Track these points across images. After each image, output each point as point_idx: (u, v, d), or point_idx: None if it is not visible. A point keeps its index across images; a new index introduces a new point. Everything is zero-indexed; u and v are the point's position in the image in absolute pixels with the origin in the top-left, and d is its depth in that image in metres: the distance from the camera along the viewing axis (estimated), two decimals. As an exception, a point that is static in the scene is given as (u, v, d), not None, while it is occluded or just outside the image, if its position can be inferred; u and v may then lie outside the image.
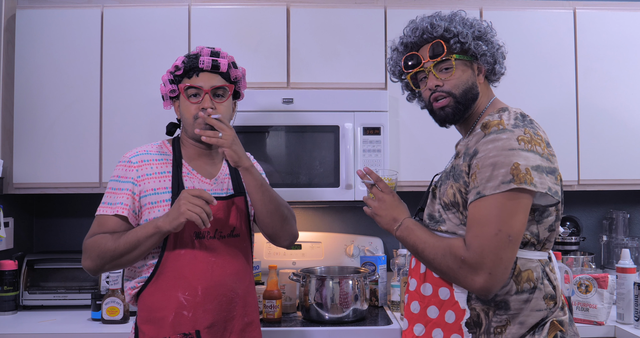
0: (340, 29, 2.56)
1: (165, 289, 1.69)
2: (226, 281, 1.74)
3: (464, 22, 1.54)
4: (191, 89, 1.76)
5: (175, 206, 1.62)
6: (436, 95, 1.51)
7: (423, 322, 1.48)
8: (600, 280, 2.24)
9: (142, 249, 1.65)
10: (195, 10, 2.54)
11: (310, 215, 2.94)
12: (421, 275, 1.50)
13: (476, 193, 1.36)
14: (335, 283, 2.27)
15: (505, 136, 1.37)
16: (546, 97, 2.58)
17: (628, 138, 2.59)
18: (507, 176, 1.33)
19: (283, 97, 2.45)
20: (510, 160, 1.34)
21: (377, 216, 1.56)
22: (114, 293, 2.30)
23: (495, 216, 1.33)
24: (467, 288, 1.38)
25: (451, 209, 1.46)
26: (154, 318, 1.69)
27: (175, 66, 1.78)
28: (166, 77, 1.82)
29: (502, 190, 1.32)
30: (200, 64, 1.75)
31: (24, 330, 2.21)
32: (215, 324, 1.71)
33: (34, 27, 2.50)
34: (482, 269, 1.32)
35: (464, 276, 1.35)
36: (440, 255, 1.39)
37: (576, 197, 2.94)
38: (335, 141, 2.45)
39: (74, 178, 2.48)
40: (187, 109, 1.76)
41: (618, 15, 2.62)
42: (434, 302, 1.47)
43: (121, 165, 1.76)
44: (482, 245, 1.32)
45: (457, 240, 1.39)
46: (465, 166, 1.43)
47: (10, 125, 2.49)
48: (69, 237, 2.86)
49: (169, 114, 2.05)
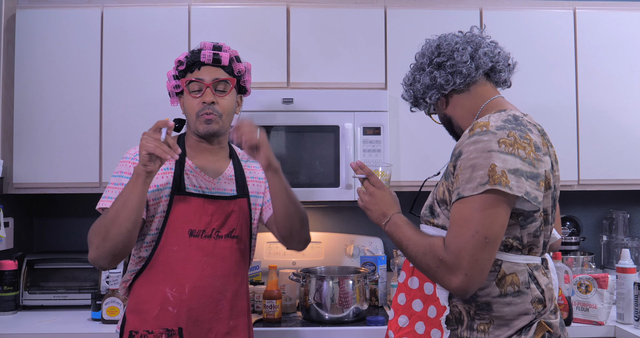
0: (340, 29, 2.56)
1: (154, 283, 1.70)
2: (215, 282, 1.73)
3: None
4: (193, 83, 1.77)
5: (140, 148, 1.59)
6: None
7: (407, 314, 1.52)
8: (600, 280, 2.24)
9: (130, 206, 1.56)
10: (195, 10, 2.54)
11: (310, 215, 2.91)
12: (410, 268, 1.53)
13: (457, 194, 1.37)
14: (335, 283, 2.27)
15: (486, 138, 1.36)
16: (546, 97, 2.58)
17: (628, 138, 2.59)
18: (484, 177, 1.32)
19: (283, 97, 2.45)
20: (488, 162, 1.33)
21: (368, 210, 1.57)
22: (114, 293, 2.30)
23: (473, 217, 1.33)
24: (444, 287, 1.39)
25: (442, 206, 1.48)
26: (140, 310, 1.70)
27: (179, 61, 1.80)
28: (171, 73, 1.84)
29: (479, 192, 1.32)
30: (202, 57, 1.76)
31: (24, 330, 2.21)
32: (199, 324, 1.70)
33: (34, 27, 2.50)
34: (458, 270, 1.32)
35: (441, 276, 1.36)
36: (421, 253, 1.41)
37: (576, 197, 2.94)
38: (335, 141, 2.45)
39: (74, 178, 2.48)
40: (190, 104, 1.77)
41: (618, 15, 2.62)
42: (419, 296, 1.49)
43: (125, 161, 1.75)
44: (459, 246, 1.32)
45: (438, 239, 1.39)
46: (452, 166, 1.44)
47: (10, 125, 2.49)
48: (69, 237, 2.86)
49: (169, 114, 2.05)
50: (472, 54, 1.53)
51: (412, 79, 1.62)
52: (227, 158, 1.87)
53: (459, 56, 1.52)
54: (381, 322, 2.22)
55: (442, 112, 1.62)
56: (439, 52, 1.56)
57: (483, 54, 1.54)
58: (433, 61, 1.56)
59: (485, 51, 1.54)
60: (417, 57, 1.62)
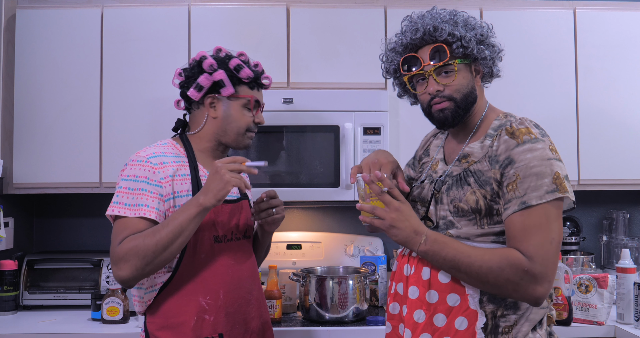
0: (340, 29, 2.56)
1: (185, 294, 1.65)
2: (243, 283, 1.75)
3: (466, 23, 1.50)
4: (257, 102, 1.81)
5: (214, 178, 1.57)
6: (437, 100, 1.48)
7: (430, 331, 1.43)
8: (600, 280, 2.24)
9: (186, 234, 1.56)
10: (195, 10, 2.54)
11: (310, 215, 2.94)
12: (424, 281, 1.44)
13: (521, 203, 1.36)
14: (335, 283, 2.27)
15: (540, 146, 1.38)
16: (546, 97, 2.57)
17: (628, 138, 2.59)
18: (550, 185, 1.35)
19: (283, 97, 2.45)
20: (551, 170, 1.36)
21: (395, 229, 1.40)
22: (114, 293, 2.30)
23: (546, 225, 1.35)
24: (523, 299, 1.37)
25: (467, 216, 1.43)
26: (172, 324, 1.64)
27: (247, 73, 1.75)
28: (224, 74, 1.74)
29: (548, 199, 1.35)
30: (264, 80, 1.82)
31: (24, 330, 2.21)
32: (236, 326, 1.71)
33: (34, 27, 2.50)
34: (545, 278, 1.33)
35: (525, 288, 1.34)
36: (495, 267, 1.34)
37: (576, 197, 2.91)
38: (335, 141, 2.45)
39: (73, 178, 2.48)
40: (244, 118, 1.78)
41: (618, 15, 2.62)
42: (440, 310, 1.42)
43: (138, 165, 1.63)
44: (544, 255, 1.33)
45: (510, 251, 1.36)
46: (496, 173, 1.40)
47: (10, 125, 2.49)
48: (69, 237, 2.86)
49: (169, 114, 2.05)
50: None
51: (490, 37, 1.52)
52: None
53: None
54: (381, 322, 2.22)
55: (472, 83, 1.51)
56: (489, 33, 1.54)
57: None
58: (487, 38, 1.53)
59: (501, 53, 1.57)
60: (474, 26, 1.52)
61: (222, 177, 1.56)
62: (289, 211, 2.89)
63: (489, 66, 1.52)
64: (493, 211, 1.42)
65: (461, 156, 1.51)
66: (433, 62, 1.46)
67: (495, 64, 1.53)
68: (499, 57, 1.54)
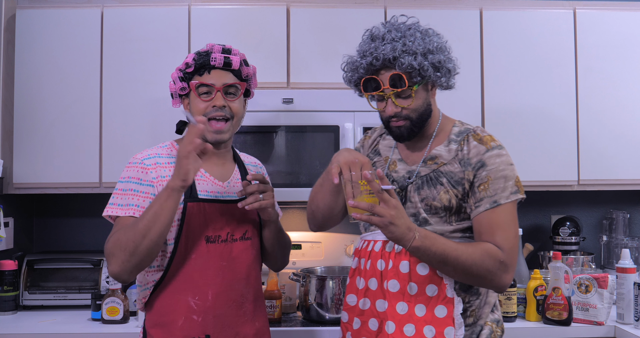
0: (340, 29, 2.56)
1: (175, 293, 1.67)
2: (237, 286, 1.72)
3: (425, 48, 1.54)
4: (202, 86, 1.72)
5: (177, 160, 1.57)
6: (394, 119, 1.58)
7: (413, 321, 1.53)
8: (600, 280, 2.24)
9: (162, 220, 1.55)
10: (195, 10, 2.54)
11: (310, 215, 2.94)
12: (404, 275, 1.54)
13: (492, 202, 1.53)
14: (335, 283, 2.27)
15: (504, 152, 1.57)
16: (546, 97, 2.57)
17: (628, 138, 2.59)
18: (514, 187, 1.54)
19: (283, 97, 2.45)
20: (514, 174, 1.56)
21: (392, 225, 1.42)
22: (114, 293, 2.30)
23: (511, 221, 1.54)
24: (493, 287, 1.53)
25: (439, 213, 1.57)
26: (163, 322, 1.67)
27: (186, 63, 1.74)
28: (176, 74, 1.77)
29: (512, 199, 1.54)
30: (212, 61, 1.71)
31: (24, 330, 2.22)
32: (225, 329, 1.69)
33: (34, 27, 2.50)
34: (512, 267, 1.51)
35: (499, 277, 1.50)
36: (479, 259, 1.47)
37: (576, 197, 2.94)
38: (335, 141, 2.45)
39: (73, 178, 2.48)
40: (198, 107, 1.72)
41: (618, 15, 2.62)
42: (420, 300, 1.53)
43: (133, 167, 1.68)
44: (511, 246, 1.51)
45: (486, 244, 1.51)
46: (469, 174, 1.55)
47: (10, 125, 2.50)
48: (69, 237, 2.86)
49: (169, 114, 2.06)
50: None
51: (444, 58, 1.57)
52: (232, 161, 1.85)
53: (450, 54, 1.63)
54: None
55: (428, 100, 1.60)
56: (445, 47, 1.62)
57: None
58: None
59: (454, 64, 1.65)
60: (432, 50, 1.56)
61: (179, 159, 1.56)
62: (289, 211, 2.89)
63: (444, 83, 1.60)
64: (461, 209, 1.57)
65: (428, 158, 1.61)
66: (392, 88, 1.55)
67: (451, 79, 1.61)
68: (453, 69, 1.61)
